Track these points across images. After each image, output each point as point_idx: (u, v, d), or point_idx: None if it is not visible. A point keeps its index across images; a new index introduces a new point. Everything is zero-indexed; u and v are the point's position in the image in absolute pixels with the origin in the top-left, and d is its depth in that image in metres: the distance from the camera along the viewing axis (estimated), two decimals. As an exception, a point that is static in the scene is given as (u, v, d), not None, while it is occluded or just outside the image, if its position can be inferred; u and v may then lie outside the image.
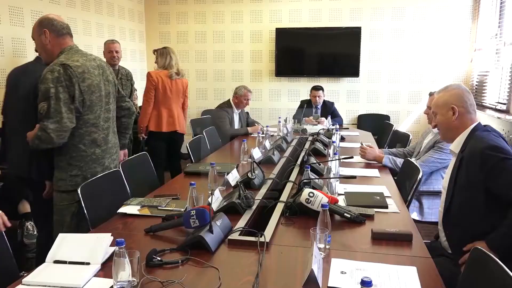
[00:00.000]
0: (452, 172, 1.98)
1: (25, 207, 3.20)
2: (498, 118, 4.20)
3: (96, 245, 1.53)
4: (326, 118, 4.99)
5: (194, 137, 3.75)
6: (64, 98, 2.13)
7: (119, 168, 2.51)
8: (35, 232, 3.14)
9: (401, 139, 4.13)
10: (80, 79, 2.19)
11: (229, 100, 4.75)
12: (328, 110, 5.30)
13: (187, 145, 3.45)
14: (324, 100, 5.33)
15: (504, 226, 1.74)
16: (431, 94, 2.99)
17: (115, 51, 4.05)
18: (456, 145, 2.01)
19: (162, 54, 4.09)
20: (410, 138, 4.01)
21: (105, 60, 2.51)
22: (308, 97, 5.45)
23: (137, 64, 6.36)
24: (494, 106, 4.62)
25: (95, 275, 1.42)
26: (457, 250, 1.88)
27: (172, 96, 4.07)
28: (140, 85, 6.30)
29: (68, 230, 2.22)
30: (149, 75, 4.03)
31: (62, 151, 2.26)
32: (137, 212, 2.02)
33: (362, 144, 3.23)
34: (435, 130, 2.95)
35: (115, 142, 2.53)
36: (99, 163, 2.35)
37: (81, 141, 2.26)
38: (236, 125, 4.72)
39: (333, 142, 3.18)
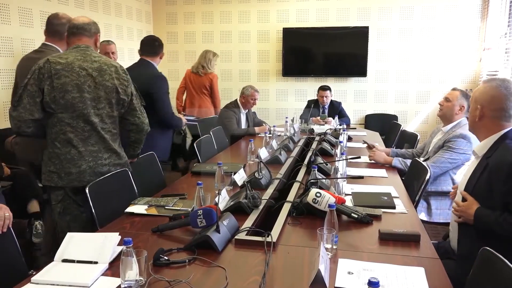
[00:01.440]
0: (472, 176, 1.88)
1: (34, 206, 3.22)
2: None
3: (104, 244, 1.53)
4: (333, 118, 4.98)
5: (201, 137, 3.76)
6: (31, 90, 2.13)
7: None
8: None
9: (409, 139, 4.10)
10: (55, 75, 2.14)
11: (236, 100, 4.75)
12: (335, 110, 5.28)
13: (195, 145, 3.45)
14: (331, 100, 5.31)
15: (500, 216, 1.69)
16: (454, 89, 2.93)
17: (111, 52, 4.02)
18: (481, 148, 1.90)
19: None
20: (418, 138, 3.98)
21: (118, 65, 2.36)
22: (315, 97, 5.43)
23: (145, 64, 6.38)
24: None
25: (103, 274, 1.43)
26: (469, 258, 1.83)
27: (194, 88, 5.19)
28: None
29: (59, 229, 2.24)
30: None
31: (46, 145, 2.28)
32: (145, 212, 2.03)
33: (366, 143, 3.20)
34: (445, 129, 2.92)
35: (109, 148, 2.32)
36: (74, 165, 2.21)
37: (56, 138, 2.21)
38: (243, 125, 4.72)
39: (340, 142, 3.17)
